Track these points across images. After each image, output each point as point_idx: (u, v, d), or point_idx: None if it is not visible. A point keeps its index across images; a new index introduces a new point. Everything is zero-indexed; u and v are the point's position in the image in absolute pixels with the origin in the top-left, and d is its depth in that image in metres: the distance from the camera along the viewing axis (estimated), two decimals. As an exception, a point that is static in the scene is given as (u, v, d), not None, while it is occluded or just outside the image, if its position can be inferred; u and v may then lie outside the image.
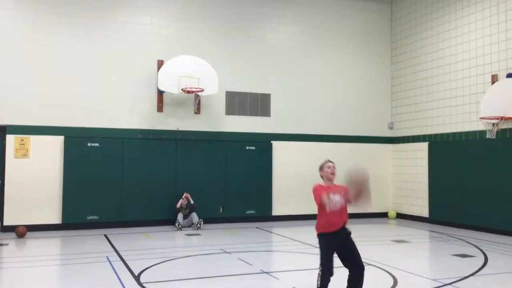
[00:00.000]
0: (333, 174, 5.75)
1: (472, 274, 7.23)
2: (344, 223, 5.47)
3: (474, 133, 12.25)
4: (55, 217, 11.60)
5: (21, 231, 10.56)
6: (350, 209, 5.68)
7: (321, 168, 5.88)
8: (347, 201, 5.41)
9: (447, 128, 13.06)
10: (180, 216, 11.92)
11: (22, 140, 11.50)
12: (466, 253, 8.95)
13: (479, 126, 12.05)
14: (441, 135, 13.24)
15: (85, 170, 11.80)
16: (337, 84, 14.59)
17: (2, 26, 11.55)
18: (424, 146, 13.76)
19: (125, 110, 12.40)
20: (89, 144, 11.93)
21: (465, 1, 12.64)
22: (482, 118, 11.52)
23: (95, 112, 12.13)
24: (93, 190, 11.79)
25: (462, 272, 7.30)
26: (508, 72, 11.30)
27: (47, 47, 11.81)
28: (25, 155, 11.49)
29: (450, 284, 6.62)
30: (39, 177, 11.52)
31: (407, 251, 9.57)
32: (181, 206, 12.09)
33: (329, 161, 5.98)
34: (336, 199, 5.42)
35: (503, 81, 11.30)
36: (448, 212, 12.76)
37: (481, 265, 7.92)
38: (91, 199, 11.77)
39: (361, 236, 11.30)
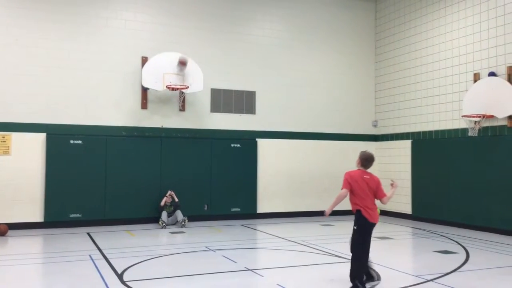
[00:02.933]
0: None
1: (454, 270, 7.32)
2: None
3: (456, 131, 12.40)
4: (37, 215, 11.45)
5: (2, 229, 10.42)
6: (335, 206, 6.21)
7: None
8: None
9: (430, 126, 13.20)
10: (164, 214, 11.85)
11: (4, 137, 11.32)
12: (448, 249, 9.07)
13: (461, 124, 12.20)
14: (424, 133, 13.38)
15: (67, 168, 11.67)
16: (321, 82, 14.65)
17: (-18, 21, 11.35)
18: (407, 143, 13.89)
19: (109, 107, 12.28)
20: (71, 142, 11.79)
21: (448, 1, 12.77)
22: (464, 116, 11.68)
23: (78, 109, 12.00)
24: (76, 188, 11.67)
25: (444, 268, 7.39)
26: (490, 71, 11.46)
27: (29, 43, 11.63)
28: (6, 152, 11.32)
29: (432, 280, 6.70)
30: (20, 174, 11.36)
31: (390, 247, 9.65)
32: (165, 204, 12.03)
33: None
34: None
35: (485, 80, 11.45)
36: (430, 209, 12.91)
37: (463, 261, 8.03)
38: (74, 197, 11.64)
39: (344, 232, 11.36)
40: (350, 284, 6.20)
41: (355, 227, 6.23)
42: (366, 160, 6.64)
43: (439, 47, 12.99)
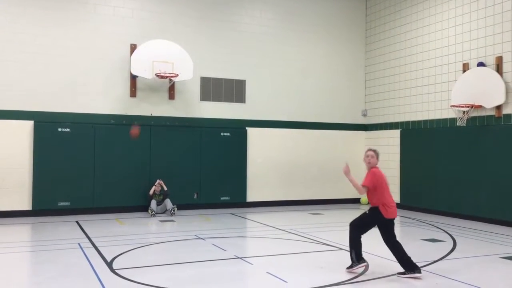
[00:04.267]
0: (366, 162, 6.93)
1: (441, 258, 7.41)
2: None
3: (445, 120, 12.49)
4: (24, 203, 11.36)
5: (-11, 218, 10.32)
6: (324, 195, 6.27)
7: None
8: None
9: (419, 116, 13.28)
10: (153, 203, 11.82)
11: (-10, 124, 11.17)
12: (436, 238, 9.17)
13: (449, 114, 12.29)
14: (413, 122, 13.45)
15: (55, 156, 11.57)
16: (312, 71, 14.64)
17: (-33, 6, 11.14)
18: (396, 133, 13.96)
19: (97, 95, 12.17)
20: (59, 129, 11.68)
21: (439, -10, 12.79)
22: (453, 106, 11.75)
23: (66, 97, 11.87)
24: (64, 176, 11.58)
25: (432, 256, 7.47)
26: (479, 61, 11.52)
27: (16, 29, 11.45)
28: (-7, 140, 11.18)
29: (420, 268, 6.76)
30: (7, 162, 11.24)
31: (378, 236, 9.70)
32: (154, 192, 12.00)
33: (369, 149, 6.96)
34: None
35: (474, 70, 11.52)
36: (418, 198, 13.03)
37: (450, 249, 8.13)
38: (62, 185, 11.56)
39: (334, 221, 11.46)
40: (340, 272, 6.25)
41: (367, 213, 6.68)
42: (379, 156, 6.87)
43: (428, 37, 13.02)
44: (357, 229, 6.65)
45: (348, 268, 6.56)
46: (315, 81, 14.69)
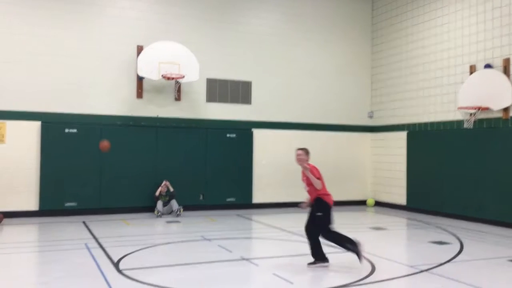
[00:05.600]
0: (298, 161, 7.31)
1: (448, 261, 7.38)
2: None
3: (452, 123, 12.43)
4: (32, 204, 11.42)
5: (-3, 218, 10.39)
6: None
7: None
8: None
9: (425, 118, 13.23)
10: (159, 204, 11.85)
11: (-2, 125, 11.25)
12: (443, 240, 9.13)
13: (456, 116, 12.24)
14: (420, 124, 13.41)
15: (63, 156, 11.62)
16: (318, 73, 14.62)
17: (-24, 8, 11.23)
18: (402, 135, 13.92)
19: (104, 96, 12.22)
20: (66, 130, 11.74)
21: (446, -8, 12.75)
22: (460, 108, 11.71)
23: (73, 98, 11.93)
24: (71, 176, 11.64)
25: (439, 259, 7.44)
26: (486, 63, 11.47)
27: (24, 30, 11.52)
28: (1, 140, 11.26)
29: (427, 270, 6.75)
30: (15, 163, 11.31)
31: (385, 238, 9.71)
32: (160, 193, 12.02)
33: (297, 149, 7.47)
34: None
35: (481, 72, 11.46)
36: (425, 200, 12.98)
37: (457, 252, 8.09)
38: (69, 185, 11.62)
39: (340, 223, 11.39)
40: (346, 274, 6.24)
41: (321, 214, 6.82)
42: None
43: (435, 39, 12.98)
44: (329, 232, 6.83)
45: (359, 260, 6.64)
46: (321, 82, 14.67)
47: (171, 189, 12.08)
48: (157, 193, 12.01)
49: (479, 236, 9.69)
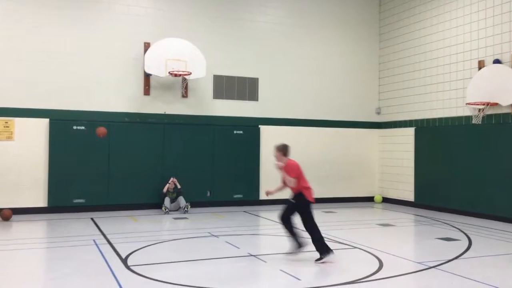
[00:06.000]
0: (276, 159, 7.32)
1: (456, 257, 7.35)
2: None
3: (460, 118, 12.36)
4: (40, 200, 11.51)
5: (6, 214, 10.48)
6: (337, 193, 6.39)
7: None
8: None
9: (433, 114, 13.16)
10: (167, 200, 11.89)
11: (7, 122, 11.33)
12: (451, 236, 9.09)
13: (465, 112, 12.16)
14: (428, 120, 13.34)
15: (71, 153, 11.69)
16: (325, 69, 14.58)
17: (-16, 6, 11.29)
18: (410, 131, 13.85)
19: (111, 93, 12.26)
20: (74, 127, 11.80)
21: (454, -13, 12.65)
22: (468, 103, 11.63)
23: (80, 95, 11.98)
24: (79, 173, 11.70)
25: (447, 255, 7.41)
26: (494, 58, 11.38)
27: (32, 28, 11.58)
28: (9, 137, 11.33)
29: (434, 267, 6.72)
30: (24, 160, 11.39)
31: (392, 234, 9.68)
32: (167, 190, 12.06)
33: (275, 146, 7.44)
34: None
35: (490, 67, 11.38)
36: (433, 196, 12.92)
37: (465, 248, 8.05)
38: (77, 182, 11.68)
39: (347, 219, 11.42)
40: (353, 270, 6.23)
41: (302, 206, 7.02)
42: (288, 148, 7.47)
43: (443, 34, 12.89)
44: (313, 225, 7.02)
45: (317, 260, 6.85)
46: (328, 78, 14.63)
47: (179, 186, 12.12)
48: (165, 189, 12.05)
49: (488, 232, 9.64)
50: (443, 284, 6.00)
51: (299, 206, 7.03)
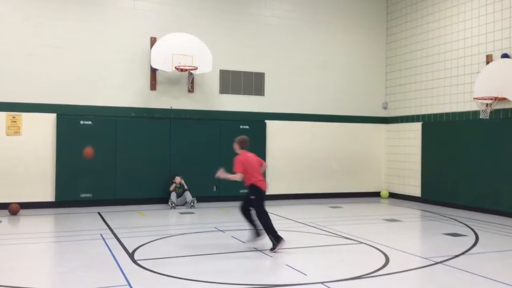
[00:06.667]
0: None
1: (463, 253, 7.32)
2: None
3: (467, 113, 12.28)
4: (48, 195, 11.58)
5: (14, 208, 10.56)
6: (343, 188, 6.44)
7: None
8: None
9: (440, 108, 13.09)
10: (173, 195, 11.93)
11: (14, 117, 11.39)
12: (458, 232, 9.06)
13: (472, 107, 12.08)
14: (435, 115, 13.27)
15: (78, 148, 11.66)
16: (331, 64, 14.52)
17: (-9, 1, 11.34)
18: (417, 126, 13.79)
19: (118, 88, 12.29)
20: (81, 122, 11.84)
21: (462, -20, 12.53)
22: (476, 98, 11.55)
23: (87, 90, 12.01)
24: (86, 168, 11.74)
25: (453, 251, 7.39)
26: (503, 53, 11.29)
27: (38, 23, 11.61)
28: (17, 132, 11.40)
29: (441, 262, 6.71)
30: (31, 154, 11.45)
31: (399, 230, 9.66)
32: (175, 187, 12.10)
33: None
34: None
35: (498, 61, 11.29)
36: (440, 192, 12.87)
37: (472, 244, 8.02)
38: (85, 177, 11.73)
39: (354, 214, 11.40)
40: (360, 265, 6.22)
41: (254, 197, 7.44)
42: (245, 142, 7.92)
43: (451, 28, 12.79)
44: (262, 213, 7.37)
45: (271, 250, 7.18)
46: (335, 73, 14.57)
47: (186, 187, 12.12)
48: (172, 188, 12.06)
49: (495, 228, 9.59)
50: (450, 279, 5.98)
51: (250, 198, 7.46)
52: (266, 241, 7.44)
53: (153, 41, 12.39)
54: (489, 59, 11.62)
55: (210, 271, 6.23)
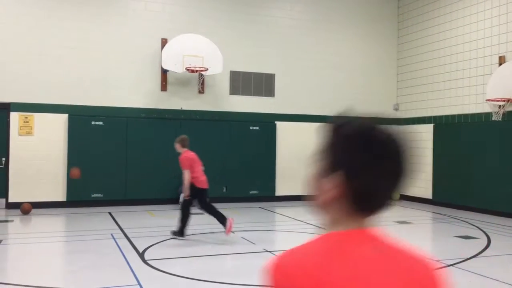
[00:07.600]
0: None
1: (475, 256, 7.25)
2: None
3: (480, 115, 12.17)
4: (59, 195, 11.67)
5: (26, 208, 10.65)
6: None
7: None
8: None
9: (453, 110, 12.98)
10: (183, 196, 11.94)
11: (26, 117, 11.50)
12: (469, 234, 8.97)
13: (485, 108, 11.97)
14: (447, 117, 13.16)
15: (89, 148, 11.82)
16: (342, 65, 14.47)
17: (5, 3, 11.45)
18: (429, 127, 13.69)
19: (129, 89, 12.35)
20: (93, 123, 11.92)
21: (474, -19, 12.43)
22: (489, 100, 11.44)
23: (99, 91, 12.09)
24: (97, 168, 11.82)
25: (465, 254, 7.32)
26: (516, 54, 11.18)
27: (51, 24, 11.71)
28: (29, 132, 11.51)
29: (452, 265, 6.65)
30: (43, 154, 11.55)
31: (410, 232, 9.59)
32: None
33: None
34: None
35: (511, 63, 11.17)
36: (451, 194, 12.76)
37: (484, 246, 7.94)
38: (96, 177, 11.80)
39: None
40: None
41: (190, 197, 8.13)
42: (186, 140, 8.68)
43: (463, 29, 12.69)
44: (187, 206, 8.18)
45: (172, 233, 8.00)
46: (345, 74, 14.52)
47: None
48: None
49: (507, 231, 9.49)
50: (462, 282, 5.92)
51: (193, 193, 8.07)
52: (270, 239, 7.42)
53: (164, 42, 12.44)
54: (502, 60, 11.51)
55: (219, 272, 6.24)
